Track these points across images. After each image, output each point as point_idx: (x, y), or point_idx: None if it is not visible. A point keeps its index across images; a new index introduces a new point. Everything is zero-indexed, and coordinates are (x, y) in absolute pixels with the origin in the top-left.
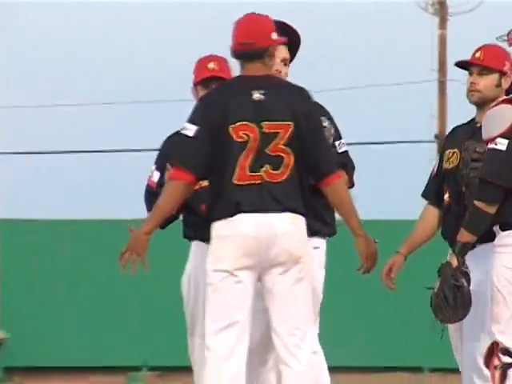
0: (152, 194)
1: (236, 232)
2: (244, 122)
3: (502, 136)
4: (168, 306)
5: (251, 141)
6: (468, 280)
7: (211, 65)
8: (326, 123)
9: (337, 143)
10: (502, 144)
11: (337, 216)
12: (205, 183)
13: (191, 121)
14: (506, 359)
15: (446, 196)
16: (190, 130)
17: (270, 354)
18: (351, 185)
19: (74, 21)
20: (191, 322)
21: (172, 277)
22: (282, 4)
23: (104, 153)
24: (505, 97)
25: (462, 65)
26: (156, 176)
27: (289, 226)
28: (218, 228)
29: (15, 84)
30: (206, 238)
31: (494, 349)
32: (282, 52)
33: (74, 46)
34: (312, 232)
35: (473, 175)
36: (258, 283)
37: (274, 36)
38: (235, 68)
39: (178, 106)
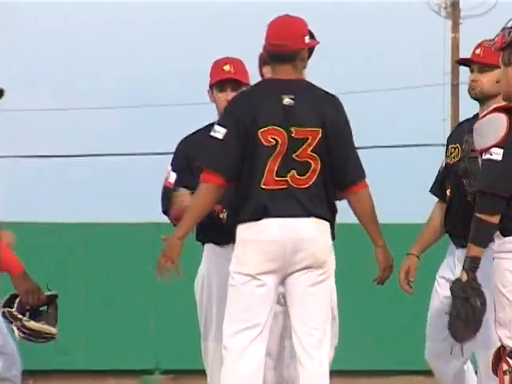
0: (169, 195)
1: (261, 237)
2: (273, 127)
3: (497, 146)
4: (181, 309)
5: (279, 145)
6: (480, 295)
7: (227, 67)
8: None
9: None
10: (497, 154)
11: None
12: None
13: (221, 123)
14: None
15: (448, 191)
16: (220, 132)
17: (282, 356)
18: None
19: (74, 21)
20: (205, 326)
21: (185, 280)
22: (282, 4)
23: (107, 156)
24: (495, 105)
25: (463, 62)
26: (173, 177)
27: (314, 230)
28: (243, 231)
29: (15, 84)
30: (218, 241)
31: (502, 354)
32: None
33: (73, 46)
34: None
35: (473, 166)
36: (280, 287)
37: (307, 39)
38: (252, 70)
39: (179, 108)
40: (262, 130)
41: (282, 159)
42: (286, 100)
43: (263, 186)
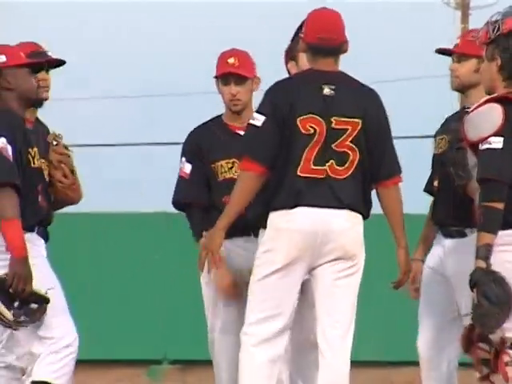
0: (186, 184)
1: (292, 226)
2: (312, 115)
3: (495, 135)
4: (189, 299)
5: (317, 134)
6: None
7: (231, 60)
8: None
9: None
10: (496, 142)
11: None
12: (228, 175)
13: (260, 111)
14: None
15: (436, 182)
16: (259, 120)
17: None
18: None
19: (74, 21)
20: (212, 317)
21: (192, 270)
22: (282, 4)
23: (115, 146)
24: (487, 96)
25: (441, 52)
26: (188, 168)
27: (346, 223)
28: (275, 219)
29: None
30: (225, 233)
31: (502, 346)
32: None
33: (73, 46)
34: None
35: (460, 157)
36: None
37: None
38: (258, 63)
39: (184, 99)
40: (300, 117)
41: (321, 148)
42: (326, 90)
43: (299, 174)
